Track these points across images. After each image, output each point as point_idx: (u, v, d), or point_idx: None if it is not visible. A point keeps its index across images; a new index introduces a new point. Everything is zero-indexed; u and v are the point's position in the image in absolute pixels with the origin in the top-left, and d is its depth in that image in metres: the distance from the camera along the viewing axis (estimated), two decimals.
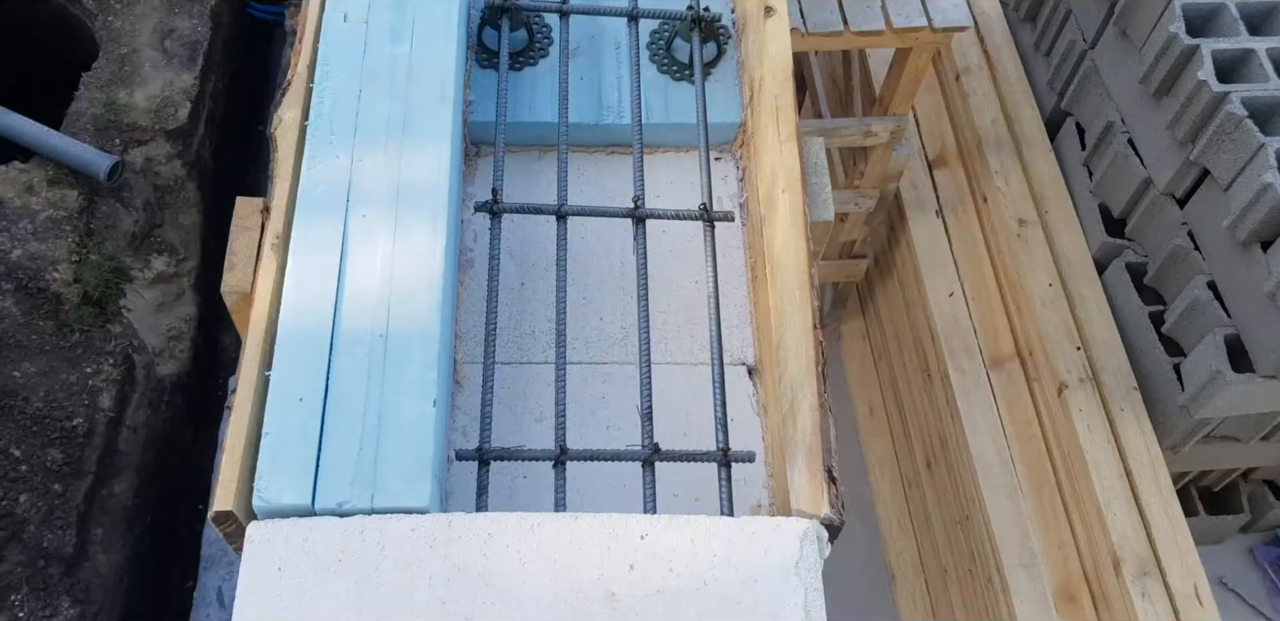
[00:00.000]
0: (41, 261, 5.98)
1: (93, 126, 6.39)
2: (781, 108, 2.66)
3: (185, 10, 6.81)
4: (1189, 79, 4.52)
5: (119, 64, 6.59)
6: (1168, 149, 4.74)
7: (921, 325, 5.45)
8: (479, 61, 3.00)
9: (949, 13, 4.74)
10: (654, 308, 2.63)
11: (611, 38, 3.07)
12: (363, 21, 2.66)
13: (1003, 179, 5.32)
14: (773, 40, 2.76)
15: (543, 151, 2.99)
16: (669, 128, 2.97)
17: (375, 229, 2.38)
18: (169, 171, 6.54)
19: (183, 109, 6.54)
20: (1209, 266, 4.62)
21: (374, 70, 2.61)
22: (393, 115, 2.55)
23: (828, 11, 4.78)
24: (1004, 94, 5.60)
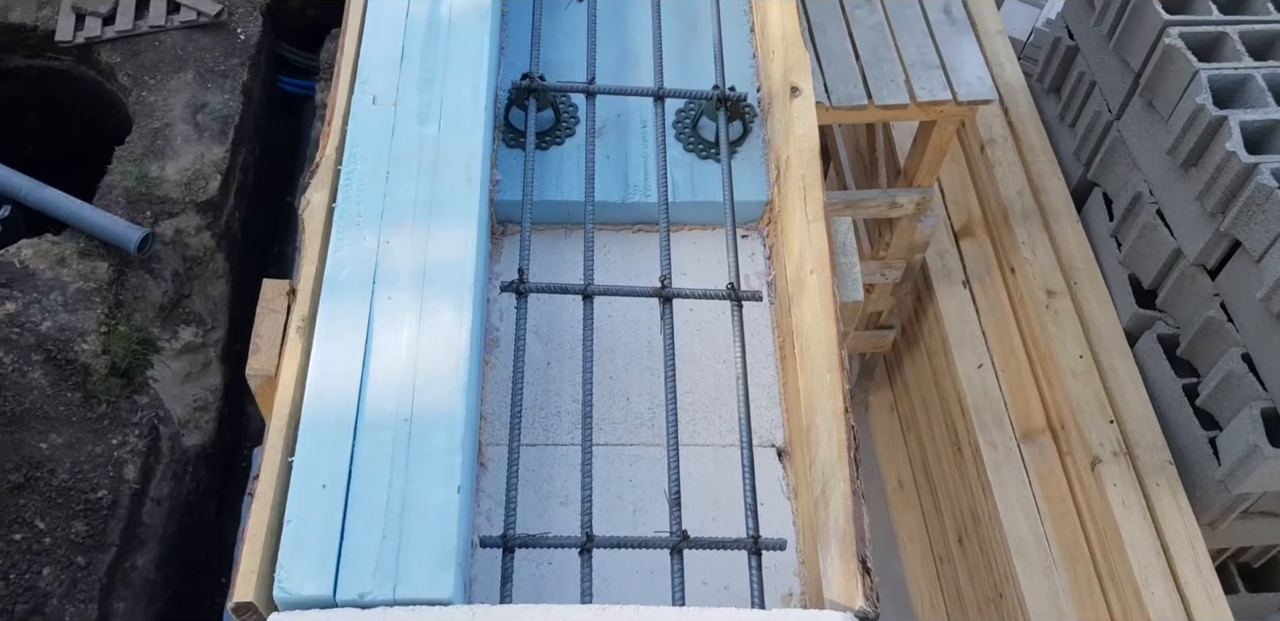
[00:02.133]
0: (71, 332, 6.02)
1: (124, 199, 6.46)
2: (809, 187, 2.65)
3: (217, 85, 6.91)
4: (1217, 150, 4.50)
5: (152, 138, 6.68)
6: (1197, 220, 4.71)
7: (951, 397, 5.38)
8: (506, 141, 3.01)
9: (973, 86, 4.75)
10: (681, 387, 2.60)
11: (638, 117, 3.08)
12: (391, 104, 2.68)
13: (1030, 249, 5.29)
14: (799, 120, 2.75)
15: (569, 229, 2.99)
16: (695, 205, 2.96)
17: (401, 311, 2.37)
18: (198, 243, 6.60)
19: (213, 181, 6.61)
20: (1243, 338, 4.56)
21: (402, 152, 2.62)
22: (420, 197, 2.55)
23: (851, 85, 4.81)
24: (1029, 164, 5.59)
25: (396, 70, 2.75)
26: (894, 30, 4.98)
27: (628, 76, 3.15)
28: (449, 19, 2.88)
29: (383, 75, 2.74)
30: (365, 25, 2.84)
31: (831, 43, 4.93)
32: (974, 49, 4.93)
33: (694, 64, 3.17)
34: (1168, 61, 4.76)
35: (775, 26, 2.96)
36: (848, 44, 4.93)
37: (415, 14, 2.88)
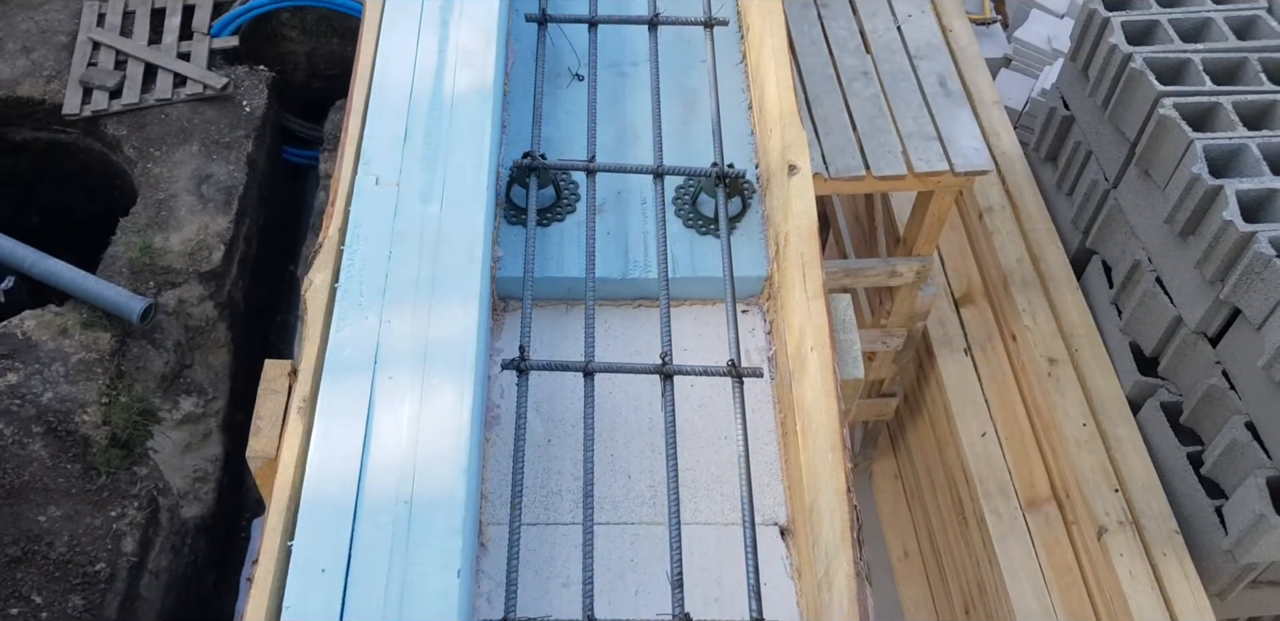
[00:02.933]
0: (72, 404, 6.01)
1: (128, 269, 6.50)
2: (808, 264, 2.67)
3: (222, 157, 6.99)
4: (1214, 219, 4.53)
5: (156, 209, 6.74)
6: (1197, 288, 4.72)
7: (954, 465, 5.36)
8: (508, 218, 3.04)
9: (970, 157, 4.80)
10: (683, 465, 2.59)
11: (638, 193, 3.11)
12: (394, 184, 2.71)
13: (1031, 317, 5.30)
14: (797, 197, 2.78)
15: (570, 305, 3.00)
16: (695, 281, 2.98)
17: (402, 391, 2.37)
18: (201, 313, 6.62)
19: (216, 252, 6.66)
20: (1246, 406, 4.54)
21: (404, 232, 2.64)
22: (422, 276, 2.57)
23: (849, 156, 4.86)
24: (1028, 232, 5.62)
25: (399, 150, 2.79)
26: (890, 102, 5.04)
27: (628, 154, 3.19)
28: (452, 99, 2.92)
29: (386, 156, 2.77)
30: (369, 106, 2.88)
31: (829, 115, 5.00)
32: (970, 120, 4.99)
33: (693, 141, 3.20)
34: (1163, 131, 4.81)
35: (773, 105, 3.00)
36: (845, 116, 4.99)
37: (419, 95, 2.92)
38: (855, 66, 5.20)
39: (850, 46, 5.28)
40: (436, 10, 3.10)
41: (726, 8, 3.43)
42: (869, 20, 5.40)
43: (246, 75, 7.43)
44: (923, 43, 5.29)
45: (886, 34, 5.33)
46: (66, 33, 7.48)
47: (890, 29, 5.36)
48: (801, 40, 5.33)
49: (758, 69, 3.17)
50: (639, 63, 3.39)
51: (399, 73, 2.94)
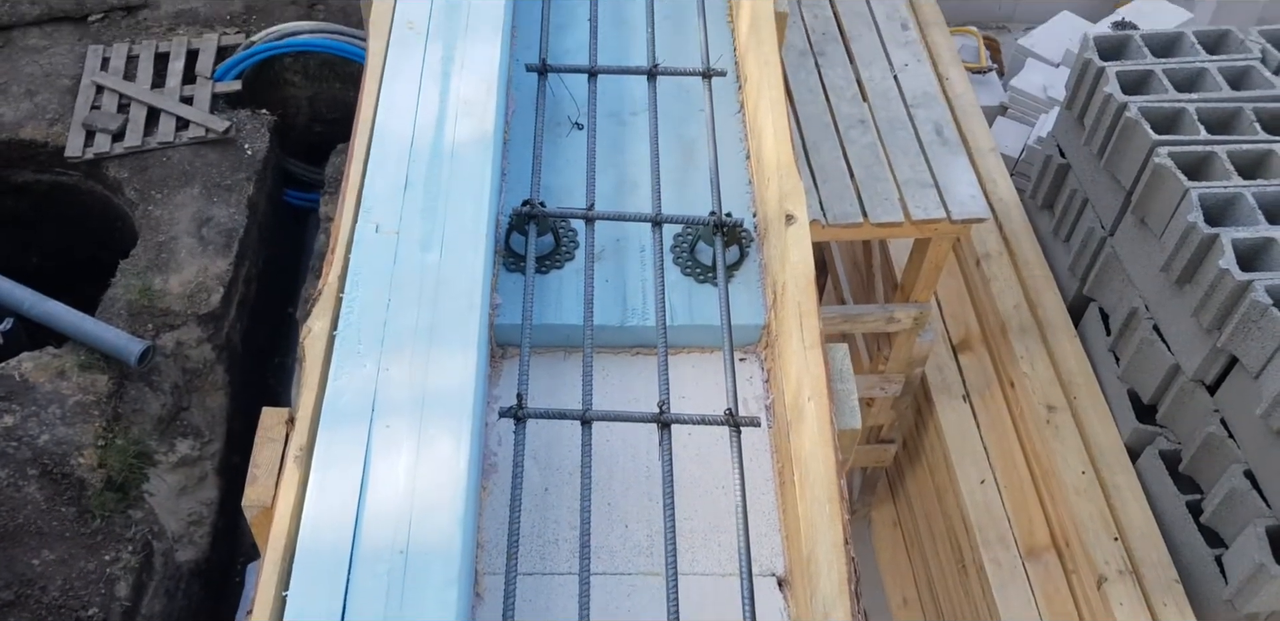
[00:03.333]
0: (68, 446, 5.99)
1: (127, 312, 6.50)
2: (805, 314, 2.68)
3: (223, 199, 7.02)
4: (1211, 267, 4.55)
5: (156, 251, 6.76)
6: (1194, 335, 4.73)
7: (954, 513, 5.33)
8: (507, 265, 3.05)
9: (967, 204, 4.83)
10: (680, 515, 2.58)
11: (636, 241, 3.12)
12: (394, 232, 2.72)
13: (1029, 364, 5.30)
14: (794, 247, 2.79)
15: (568, 352, 3.00)
16: (693, 329, 2.98)
17: (399, 440, 2.37)
18: (199, 355, 6.62)
19: (215, 294, 6.67)
20: (1245, 455, 4.54)
21: (403, 279, 2.65)
22: (420, 324, 2.57)
23: (847, 203, 4.89)
24: (1025, 279, 5.64)
25: (400, 198, 2.80)
26: (887, 150, 5.08)
27: (627, 202, 3.21)
28: (452, 148, 2.95)
29: (386, 204, 2.79)
30: (370, 154, 2.90)
31: (826, 162, 5.03)
32: (966, 168, 5.03)
33: (691, 190, 3.22)
34: (1158, 180, 4.84)
35: (770, 155, 3.02)
36: (843, 163, 5.03)
37: (420, 143, 2.95)
38: (852, 114, 5.24)
39: (847, 95, 5.33)
40: (438, 61, 3.13)
41: (724, 59, 3.47)
42: (866, 69, 5.46)
43: (249, 119, 7.49)
44: (919, 91, 5.34)
45: (883, 82, 5.39)
46: (71, 76, 7.54)
47: (887, 77, 5.42)
48: (799, 88, 5.38)
49: (755, 119, 3.20)
50: (638, 112, 3.42)
51: (400, 121, 2.97)
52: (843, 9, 5.78)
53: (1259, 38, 5.40)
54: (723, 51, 3.51)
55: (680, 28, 3.61)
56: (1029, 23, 8.67)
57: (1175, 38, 5.45)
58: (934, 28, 6.54)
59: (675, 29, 3.60)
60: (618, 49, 3.55)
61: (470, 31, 3.23)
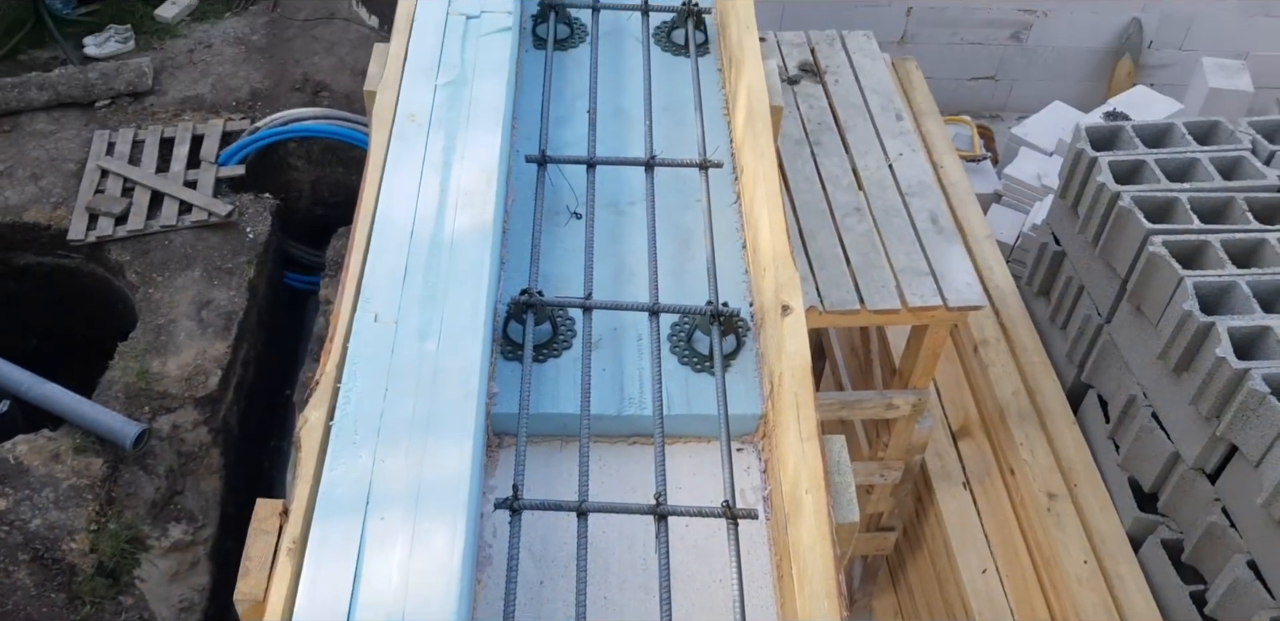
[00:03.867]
0: (60, 531, 5.93)
1: (124, 394, 6.49)
2: (802, 405, 2.68)
3: (224, 282, 7.06)
4: (1207, 356, 4.56)
5: (155, 333, 6.77)
6: (1193, 423, 4.72)
7: (955, 602, 5.26)
8: (504, 354, 3.06)
9: (963, 292, 4.85)
10: (677, 609, 2.55)
11: (633, 330, 3.13)
12: (393, 322, 2.74)
13: (1029, 451, 5.28)
14: (790, 337, 2.80)
15: (565, 441, 2.99)
16: (690, 418, 2.97)
17: (393, 532, 2.35)
18: (194, 438, 6.59)
19: (213, 377, 6.66)
20: (1247, 545, 4.49)
21: (401, 369, 2.65)
22: (417, 414, 2.57)
23: (844, 290, 4.91)
24: (1023, 366, 5.65)
25: (399, 288, 2.82)
26: (883, 237, 5.13)
27: (624, 291, 3.23)
28: (452, 238, 2.98)
29: (386, 293, 2.80)
30: (371, 244, 2.93)
31: (823, 249, 5.07)
32: (962, 256, 5.07)
33: (688, 279, 3.25)
34: (1153, 268, 4.88)
35: (766, 245, 3.05)
36: (839, 250, 5.07)
37: (420, 233, 2.98)
38: (848, 202, 5.30)
39: (843, 183, 5.40)
40: (439, 152, 3.18)
41: (721, 150, 3.52)
42: (861, 158, 5.54)
43: (251, 202, 7.56)
44: (914, 180, 5.41)
45: (878, 171, 5.46)
46: (76, 160, 7.64)
47: (882, 166, 5.49)
48: (796, 177, 5.44)
49: (751, 211, 3.24)
50: (636, 202, 3.46)
51: (401, 212, 3.00)
52: (837, 100, 5.88)
53: (1249, 129, 5.49)
54: (719, 143, 3.57)
55: (678, 120, 3.67)
56: (1022, 112, 8.84)
57: (1166, 128, 5.54)
58: (928, 117, 6.66)
59: (673, 121, 3.66)
60: (616, 140, 3.61)
61: (471, 123, 3.28)
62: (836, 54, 6.21)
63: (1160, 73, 9.11)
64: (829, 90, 5.97)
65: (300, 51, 8.68)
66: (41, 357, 7.15)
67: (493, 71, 3.44)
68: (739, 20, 3.68)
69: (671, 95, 3.76)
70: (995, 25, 8.87)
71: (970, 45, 8.97)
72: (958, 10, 8.77)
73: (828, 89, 5.98)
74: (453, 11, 3.61)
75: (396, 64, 3.45)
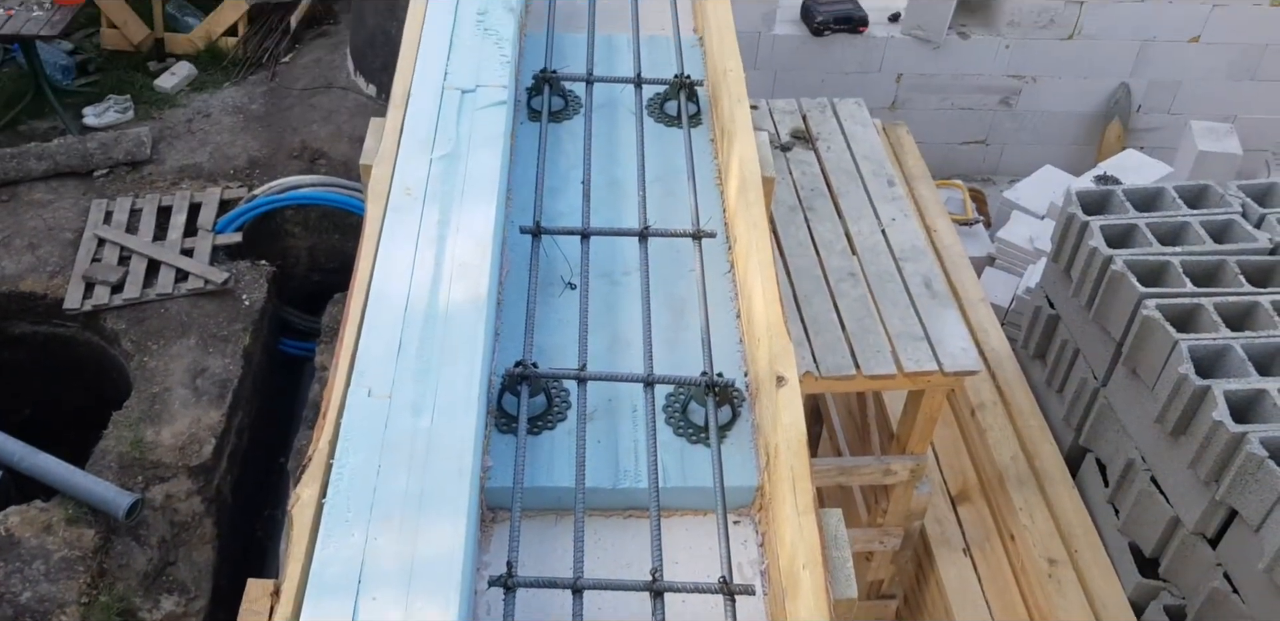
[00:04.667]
0: (50, 603, 5.86)
1: (117, 464, 6.45)
2: (798, 478, 2.66)
3: (219, 350, 7.05)
4: (1204, 419, 4.55)
5: (150, 402, 6.74)
6: (1192, 487, 4.70)
7: None
8: (498, 426, 3.04)
9: (958, 357, 4.85)
10: None
11: (628, 401, 3.12)
12: (386, 396, 2.73)
13: (1028, 516, 5.24)
14: (785, 409, 2.79)
15: (559, 515, 2.97)
16: (686, 491, 2.95)
17: (385, 612, 2.31)
18: (188, 508, 6.54)
19: (207, 445, 6.63)
20: (1251, 610, 4.44)
21: (394, 444, 2.64)
22: (410, 490, 2.55)
23: (839, 355, 4.91)
24: (1021, 429, 5.63)
25: (393, 362, 2.82)
26: (878, 302, 5.14)
27: (619, 361, 3.22)
28: (446, 311, 2.98)
29: (379, 367, 2.80)
30: (365, 318, 2.93)
31: (818, 314, 5.08)
32: (956, 320, 5.07)
33: (683, 349, 3.24)
34: (1147, 332, 4.88)
35: (760, 315, 3.06)
36: (834, 315, 5.07)
37: (414, 306, 2.98)
38: (842, 267, 5.32)
39: (837, 248, 5.43)
40: (434, 224, 3.19)
41: (714, 220, 3.54)
42: (854, 223, 5.57)
43: (248, 270, 7.59)
44: (907, 245, 5.44)
45: (871, 237, 5.49)
46: (74, 230, 7.68)
47: (875, 231, 5.52)
48: (790, 242, 5.47)
49: (745, 281, 3.24)
50: (630, 272, 3.47)
51: (396, 285, 3.01)
52: (830, 166, 5.94)
53: (1238, 192, 5.54)
54: (712, 213, 3.59)
55: (671, 190, 3.70)
56: (1013, 175, 8.92)
57: (1157, 192, 5.59)
58: (920, 181, 6.71)
59: (666, 191, 3.69)
60: (610, 211, 3.63)
61: (466, 196, 3.30)
62: (828, 121, 6.28)
63: (1149, 136, 9.21)
64: (821, 156, 6.02)
65: (298, 120, 8.77)
66: (35, 427, 7.12)
67: (488, 145, 3.47)
68: (730, 92, 3.72)
69: (665, 166, 3.79)
70: (984, 91, 8.98)
71: (960, 110, 9.08)
72: (947, 77, 8.89)
73: (820, 155, 6.03)
74: (449, 86, 3.65)
75: (392, 138, 3.48)
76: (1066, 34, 8.66)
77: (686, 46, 4.22)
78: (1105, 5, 8.47)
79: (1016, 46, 8.72)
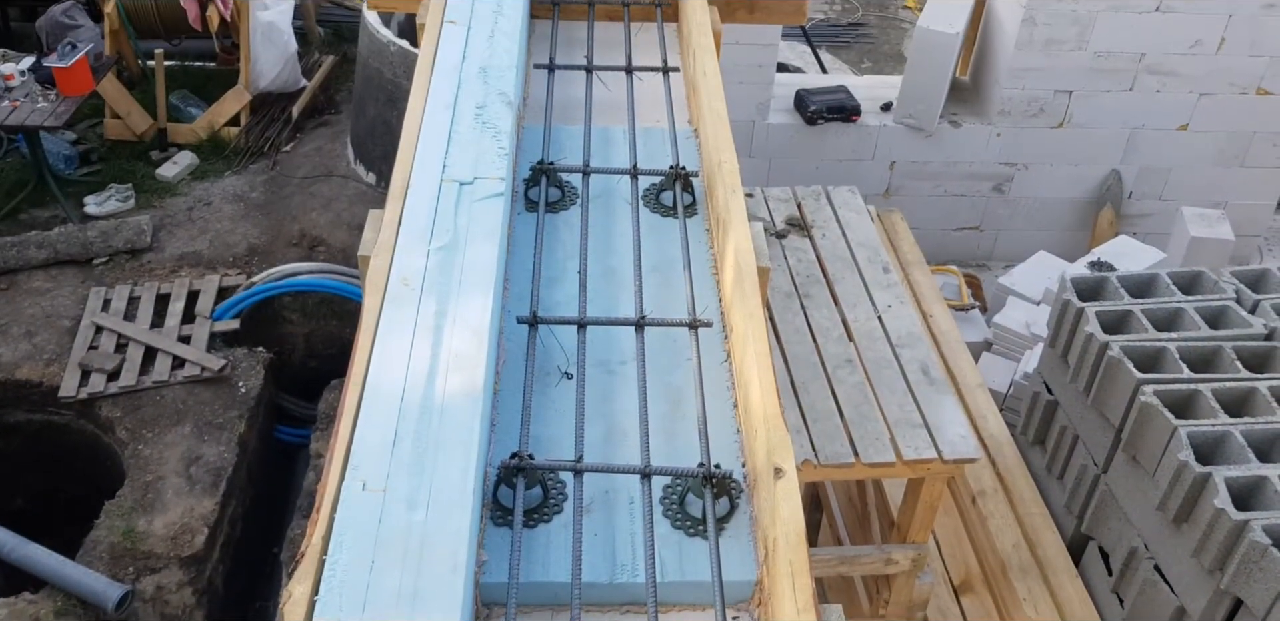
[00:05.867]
0: None
1: (108, 554, 6.37)
2: (797, 573, 2.62)
3: (214, 438, 7.01)
4: (1206, 506, 4.51)
5: (143, 491, 6.68)
6: (1196, 577, 4.63)
7: None
8: (494, 519, 3.01)
9: (957, 445, 4.82)
10: None
11: (625, 493, 3.09)
12: (381, 490, 2.70)
13: (1032, 607, 5.16)
14: (784, 502, 2.77)
15: (555, 612, 2.92)
16: (683, 586, 2.91)
17: None
18: (178, 600, 6.43)
19: (199, 535, 6.55)
20: None
21: (388, 540, 2.60)
22: (404, 588, 2.51)
23: (838, 443, 4.88)
24: (1022, 517, 5.58)
25: (388, 455, 2.79)
26: (875, 389, 5.13)
27: (615, 452, 3.20)
28: (442, 403, 2.97)
29: (374, 461, 2.77)
30: (360, 411, 2.91)
31: (816, 401, 5.07)
32: (955, 407, 5.06)
33: (679, 439, 3.23)
34: (1146, 418, 4.87)
35: (757, 406, 3.05)
36: (832, 403, 5.06)
37: (410, 398, 2.97)
38: (839, 354, 5.32)
39: (834, 335, 5.44)
40: (431, 315, 3.20)
41: (710, 310, 3.55)
42: (850, 310, 5.59)
43: (245, 357, 7.59)
44: (903, 331, 5.45)
45: (868, 323, 5.50)
46: (71, 317, 7.69)
47: (871, 318, 5.54)
48: (786, 329, 5.48)
49: (741, 371, 3.24)
50: (626, 361, 3.46)
51: (392, 378, 3.00)
52: (825, 253, 5.98)
53: (1231, 278, 5.57)
54: (708, 302, 3.60)
55: (666, 279, 3.72)
56: (1007, 261, 8.98)
57: (1150, 278, 5.62)
58: (915, 267, 6.75)
59: (662, 281, 3.70)
60: (606, 300, 3.64)
61: (463, 287, 3.31)
62: (822, 208, 6.34)
63: (1142, 222, 9.30)
64: (816, 244, 6.07)
65: (298, 207, 8.85)
66: (26, 516, 7.04)
67: (485, 236, 3.49)
68: (725, 183, 3.76)
69: (660, 255, 3.81)
70: (977, 177, 9.09)
71: (954, 197, 9.18)
72: (939, 164, 9.00)
73: (815, 243, 6.08)
74: (447, 178, 3.69)
75: (391, 229, 3.51)
76: (1056, 122, 8.79)
77: (681, 138, 4.28)
78: (1094, 95, 8.62)
79: (1008, 134, 8.84)
